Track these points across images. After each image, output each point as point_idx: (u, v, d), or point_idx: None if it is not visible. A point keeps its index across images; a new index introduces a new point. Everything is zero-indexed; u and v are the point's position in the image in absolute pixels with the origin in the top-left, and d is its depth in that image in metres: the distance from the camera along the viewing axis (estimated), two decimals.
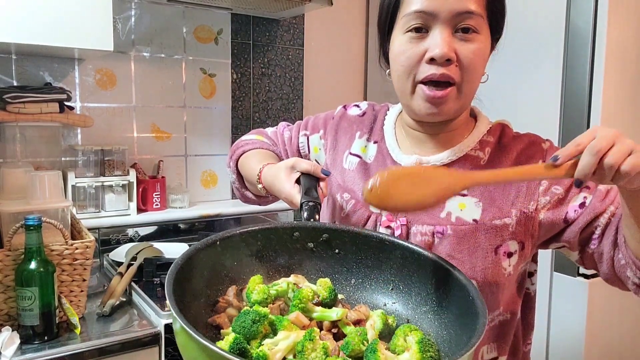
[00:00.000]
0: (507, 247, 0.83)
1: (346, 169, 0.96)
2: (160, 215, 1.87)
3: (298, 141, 1.06)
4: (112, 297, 1.34)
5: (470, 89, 0.82)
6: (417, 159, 0.88)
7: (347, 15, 2.38)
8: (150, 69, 1.92)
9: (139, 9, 1.88)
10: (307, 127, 1.07)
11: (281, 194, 0.86)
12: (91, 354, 1.15)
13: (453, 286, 0.69)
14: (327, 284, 0.72)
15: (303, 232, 0.76)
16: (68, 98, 1.65)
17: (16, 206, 1.24)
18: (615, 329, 1.67)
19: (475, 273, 0.82)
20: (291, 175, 0.85)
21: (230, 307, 0.69)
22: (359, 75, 2.46)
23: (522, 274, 0.90)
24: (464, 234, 0.82)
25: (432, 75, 0.78)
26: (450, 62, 0.77)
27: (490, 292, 0.83)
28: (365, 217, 0.90)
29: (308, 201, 0.79)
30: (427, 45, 0.78)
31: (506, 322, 0.87)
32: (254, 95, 2.17)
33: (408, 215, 0.86)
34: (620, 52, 1.53)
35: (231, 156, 1.09)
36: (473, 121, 0.91)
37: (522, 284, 0.90)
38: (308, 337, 0.59)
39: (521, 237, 0.83)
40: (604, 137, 0.62)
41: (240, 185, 1.08)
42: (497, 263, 0.82)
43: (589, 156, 0.63)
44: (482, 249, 0.82)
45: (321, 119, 1.06)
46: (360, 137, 0.97)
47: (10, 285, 1.14)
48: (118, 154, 1.78)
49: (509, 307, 0.87)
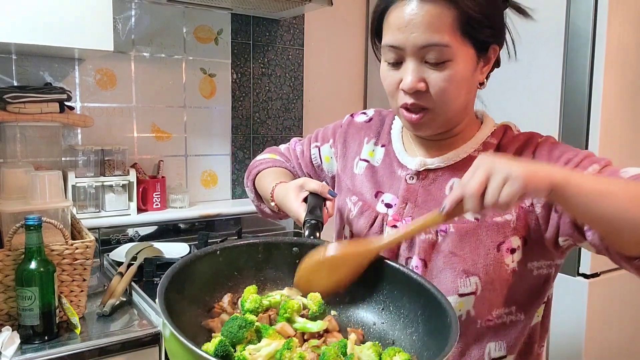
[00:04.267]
0: (509, 243, 0.83)
1: (356, 174, 1.00)
2: (161, 215, 1.87)
3: (310, 154, 1.12)
4: (112, 297, 1.34)
5: (447, 110, 0.83)
6: (421, 161, 0.91)
7: (347, 15, 2.38)
8: (150, 69, 1.92)
9: (139, 9, 1.88)
10: (317, 139, 1.12)
11: (290, 211, 0.92)
12: (91, 353, 1.15)
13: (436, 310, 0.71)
14: (317, 298, 0.75)
15: (302, 248, 0.79)
16: (68, 98, 1.65)
17: (16, 206, 1.24)
18: (615, 328, 1.67)
19: (477, 269, 0.83)
20: (299, 194, 0.90)
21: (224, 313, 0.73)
22: (359, 75, 2.46)
23: (544, 276, 0.88)
24: (466, 232, 0.84)
25: (405, 104, 0.83)
26: (420, 91, 0.81)
27: (493, 288, 0.84)
28: (372, 218, 0.94)
29: (311, 219, 0.83)
30: (401, 75, 0.82)
31: (518, 323, 0.87)
32: (254, 95, 2.17)
33: (413, 215, 0.89)
34: (620, 52, 1.53)
35: (248, 176, 1.15)
36: (479, 123, 0.93)
37: (542, 286, 0.89)
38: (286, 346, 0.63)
39: (522, 233, 0.84)
40: (477, 177, 0.66)
41: (258, 202, 1.13)
42: (500, 260, 0.83)
43: (469, 200, 0.67)
44: (485, 246, 0.83)
45: (330, 129, 1.12)
46: (368, 142, 1.02)
47: (11, 285, 1.14)
48: (118, 154, 1.78)
49: (522, 307, 0.87)
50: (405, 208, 0.90)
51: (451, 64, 0.79)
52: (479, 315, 0.85)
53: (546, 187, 0.65)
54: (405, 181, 0.92)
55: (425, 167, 0.90)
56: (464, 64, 0.81)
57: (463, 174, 0.87)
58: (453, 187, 0.88)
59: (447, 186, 0.88)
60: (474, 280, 0.83)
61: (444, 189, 0.88)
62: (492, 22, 0.82)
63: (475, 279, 0.83)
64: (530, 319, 0.89)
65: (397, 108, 0.85)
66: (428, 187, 0.90)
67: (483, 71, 0.86)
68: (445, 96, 0.81)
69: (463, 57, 0.80)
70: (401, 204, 0.91)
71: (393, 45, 0.81)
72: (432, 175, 0.90)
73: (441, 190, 0.88)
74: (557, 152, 0.84)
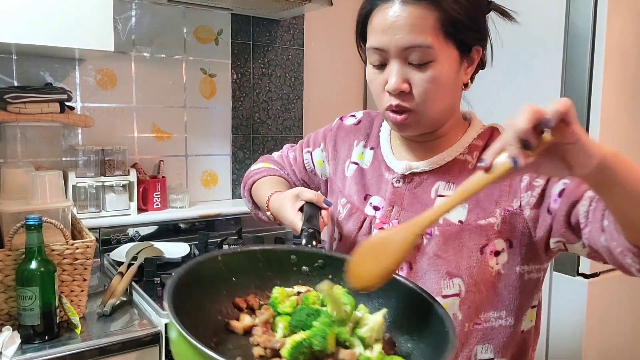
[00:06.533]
0: (493, 246, 0.84)
1: (347, 177, 1.01)
2: (161, 215, 1.87)
3: (303, 159, 1.14)
4: (113, 297, 1.34)
5: (431, 111, 0.84)
6: (407, 165, 0.91)
7: (347, 15, 2.36)
8: (150, 69, 1.92)
9: (140, 9, 1.88)
10: (309, 145, 1.14)
11: (285, 220, 0.92)
12: (91, 353, 1.15)
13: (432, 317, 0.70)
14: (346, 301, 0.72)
15: (300, 256, 0.80)
16: (69, 98, 1.65)
17: (17, 206, 1.24)
18: (614, 328, 1.67)
19: (460, 271, 0.84)
20: (295, 204, 0.90)
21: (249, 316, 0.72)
22: (359, 75, 2.46)
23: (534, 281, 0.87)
24: (450, 235, 0.85)
25: (390, 106, 0.84)
26: (404, 92, 0.81)
27: (478, 290, 0.84)
28: (360, 220, 0.95)
29: (308, 228, 0.84)
30: (386, 76, 0.83)
31: (507, 327, 0.87)
32: (254, 95, 2.17)
33: (400, 218, 0.90)
34: (620, 52, 1.53)
35: (244, 187, 1.16)
36: (467, 125, 0.93)
37: (532, 291, 0.88)
38: None
39: (508, 236, 0.84)
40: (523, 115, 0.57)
41: (256, 210, 1.15)
42: (483, 262, 0.84)
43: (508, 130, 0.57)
44: (468, 249, 0.84)
45: (320, 134, 1.13)
46: (357, 145, 1.03)
47: (11, 285, 1.14)
48: (118, 154, 1.78)
49: (512, 311, 0.87)
50: (392, 211, 0.91)
51: (434, 64, 0.80)
52: (467, 319, 0.85)
53: (599, 155, 0.59)
54: (392, 184, 0.93)
55: (411, 170, 0.91)
56: (447, 65, 0.81)
57: (448, 178, 0.88)
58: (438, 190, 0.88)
59: (433, 189, 0.89)
60: (457, 282, 0.84)
61: (430, 192, 0.89)
62: (475, 24, 0.83)
63: (459, 281, 0.84)
64: (520, 323, 0.88)
65: (384, 110, 0.86)
66: (414, 190, 0.90)
67: (467, 72, 0.86)
68: (428, 97, 0.82)
69: (446, 58, 0.81)
70: (388, 207, 0.92)
71: (377, 48, 0.82)
72: (417, 178, 0.91)
73: (427, 193, 0.89)
74: None
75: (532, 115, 0.56)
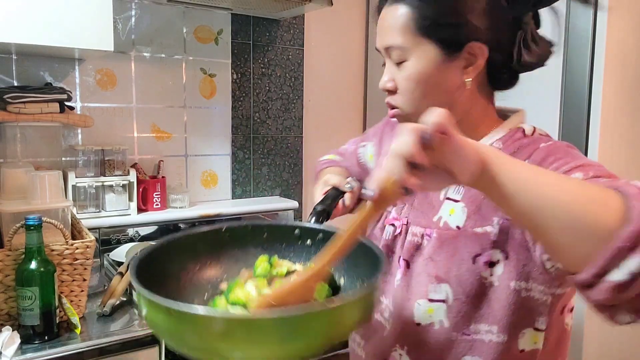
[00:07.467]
0: (488, 256, 0.79)
1: None
2: (161, 215, 1.87)
3: (357, 153, 1.18)
4: (113, 297, 1.34)
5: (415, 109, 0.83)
6: None
7: (347, 15, 2.38)
8: (150, 69, 1.92)
9: (139, 9, 1.88)
10: (363, 139, 1.18)
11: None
12: (91, 353, 1.15)
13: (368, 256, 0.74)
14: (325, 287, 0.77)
15: (302, 230, 0.86)
16: (68, 98, 1.65)
17: (16, 206, 1.24)
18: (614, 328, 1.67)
19: (448, 277, 0.81)
20: (324, 188, 0.98)
21: None
22: (359, 75, 2.46)
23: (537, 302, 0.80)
24: (445, 239, 0.83)
25: (387, 103, 0.89)
26: (392, 91, 0.86)
27: (468, 301, 0.80)
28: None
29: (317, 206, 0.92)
30: None
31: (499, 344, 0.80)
32: (254, 95, 2.17)
33: (409, 217, 0.91)
34: (620, 52, 1.53)
35: (315, 177, 1.22)
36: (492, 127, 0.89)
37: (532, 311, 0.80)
38: None
39: (504, 247, 0.79)
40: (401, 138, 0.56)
41: None
42: (475, 272, 0.80)
43: (393, 156, 0.56)
44: (460, 256, 0.81)
45: (374, 128, 1.17)
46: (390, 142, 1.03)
47: (11, 285, 1.14)
48: (118, 154, 1.78)
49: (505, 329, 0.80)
50: (403, 208, 0.92)
51: (408, 63, 0.82)
52: (455, 328, 0.82)
53: (477, 159, 0.58)
54: None
55: None
56: (424, 62, 0.81)
57: None
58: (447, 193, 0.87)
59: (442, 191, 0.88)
60: (445, 288, 0.81)
61: (438, 194, 0.88)
62: (453, 19, 0.79)
63: (446, 287, 0.81)
64: (515, 342, 0.81)
65: None
66: None
67: (467, 71, 0.82)
68: (407, 94, 0.84)
69: (422, 57, 0.81)
70: (400, 204, 0.93)
71: (377, 49, 0.88)
72: None
73: (436, 195, 0.88)
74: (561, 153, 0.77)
75: (414, 134, 0.55)
